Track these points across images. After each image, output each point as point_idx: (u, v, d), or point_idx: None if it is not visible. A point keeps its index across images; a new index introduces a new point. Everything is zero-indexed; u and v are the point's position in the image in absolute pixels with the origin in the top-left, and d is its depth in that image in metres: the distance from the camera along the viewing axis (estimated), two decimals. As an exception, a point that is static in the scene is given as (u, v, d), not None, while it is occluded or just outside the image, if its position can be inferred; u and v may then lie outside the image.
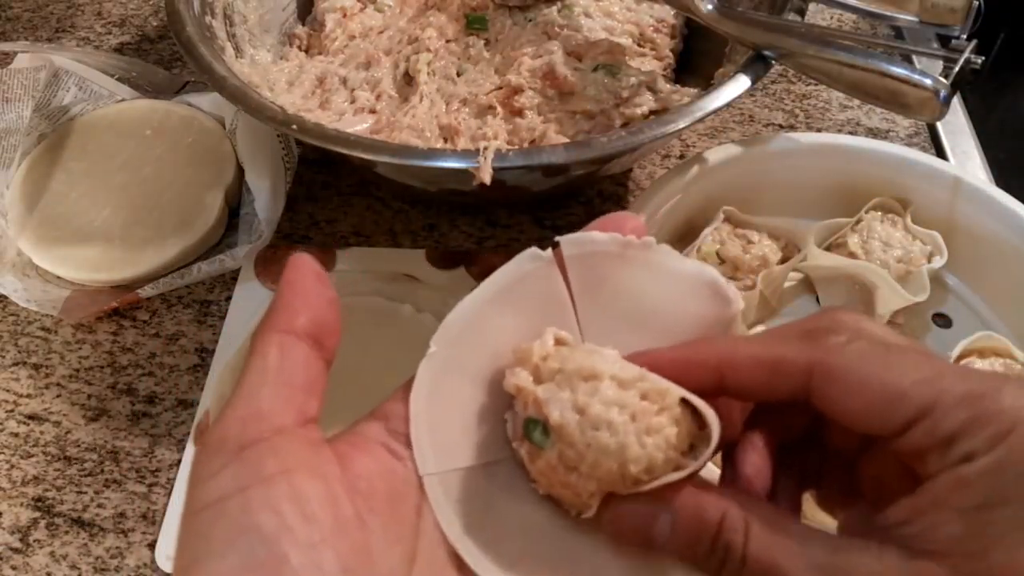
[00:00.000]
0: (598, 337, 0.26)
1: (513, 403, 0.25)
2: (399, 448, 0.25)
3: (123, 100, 0.64)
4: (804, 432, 0.26)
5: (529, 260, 0.26)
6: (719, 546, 0.23)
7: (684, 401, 0.24)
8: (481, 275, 0.55)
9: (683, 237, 0.52)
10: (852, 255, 0.50)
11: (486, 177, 0.45)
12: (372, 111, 0.57)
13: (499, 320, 0.26)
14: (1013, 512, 0.20)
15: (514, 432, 0.25)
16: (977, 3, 0.45)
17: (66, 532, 0.47)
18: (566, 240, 0.26)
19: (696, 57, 0.62)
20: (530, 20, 0.60)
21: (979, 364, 0.46)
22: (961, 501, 0.21)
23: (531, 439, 0.24)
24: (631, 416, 0.23)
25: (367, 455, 0.25)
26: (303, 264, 0.26)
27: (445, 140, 0.55)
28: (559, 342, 0.25)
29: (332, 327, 0.25)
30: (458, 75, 0.59)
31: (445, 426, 0.26)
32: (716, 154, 0.50)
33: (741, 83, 0.49)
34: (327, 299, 0.25)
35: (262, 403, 0.23)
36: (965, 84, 0.45)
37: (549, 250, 0.26)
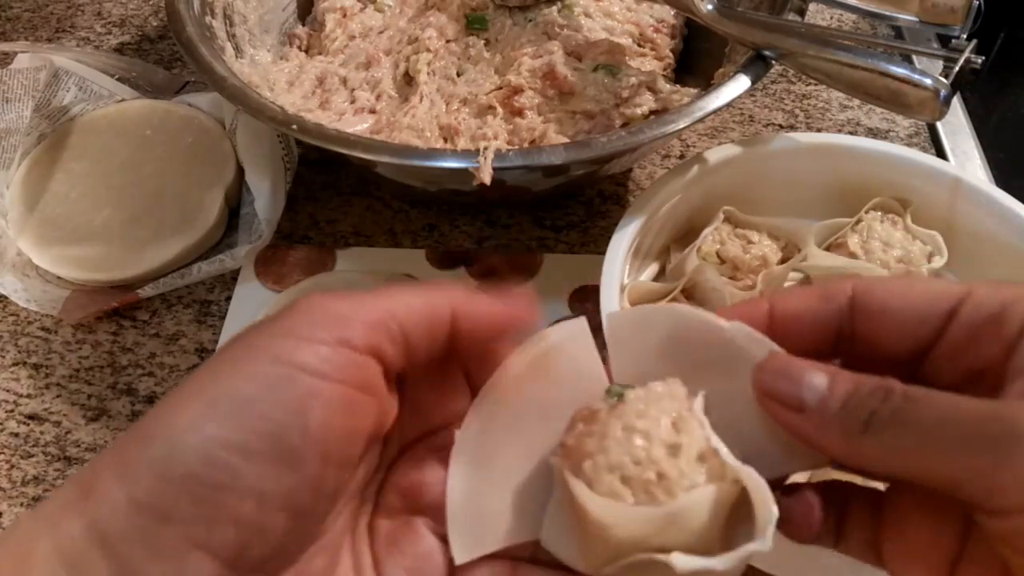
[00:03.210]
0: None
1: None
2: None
3: (123, 100, 0.64)
4: None
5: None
6: (879, 388, 0.22)
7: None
8: (481, 275, 0.55)
9: (683, 237, 0.52)
10: (852, 255, 0.49)
11: (486, 177, 0.45)
12: (372, 111, 0.57)
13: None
14: None
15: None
16: (977, 3, 0.45)
17: (66, 532, 0.47)
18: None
19: (696, 57, 0.62)
20: (530, 20, 0.60)
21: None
22: None
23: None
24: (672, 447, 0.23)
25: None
26: (527, 307, 0.27)
27: (445, 140, 0.55)
28: None
29: (473, 359, 0.27)
30: (458, 75, 0.59)
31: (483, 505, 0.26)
32: (716, 154, 0.50)
33: (741, 83, 0.49)
34: (498, 335, 0.26)
35: (380, 326, 0.24)
36: (965, 84, 0.45)
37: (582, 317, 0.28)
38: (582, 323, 0.27)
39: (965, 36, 0.46)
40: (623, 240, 0.46)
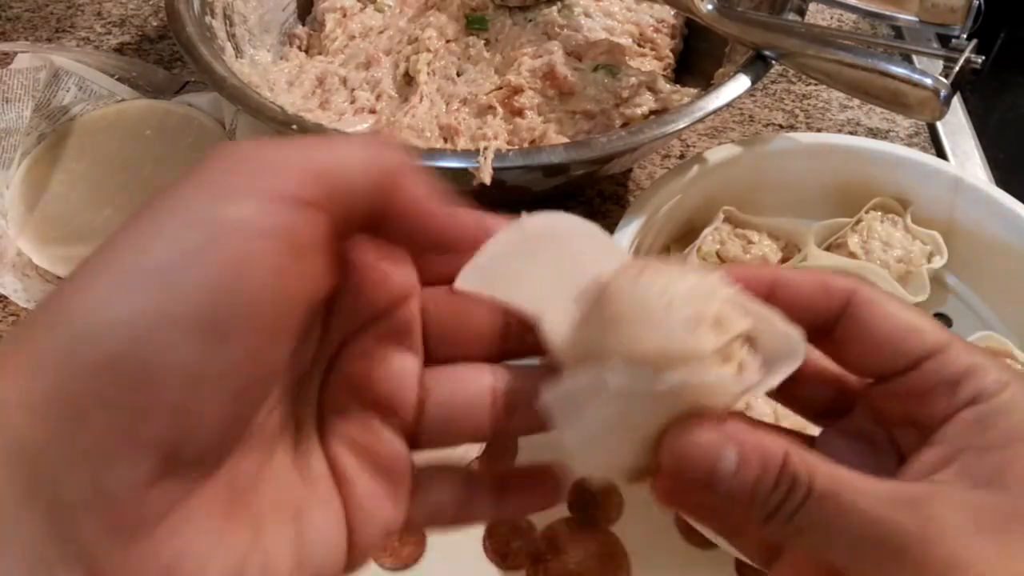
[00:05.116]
0: None
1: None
2: None
3: (123, 100, 0.64)
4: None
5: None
6: (784, 479, 0.22)
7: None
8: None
9: (683, 237, 0.52)
10: (852, 255, 0.50)
11: (486, 177, 0.45)
12: (372, 111, 0.57)
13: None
14: None
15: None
16: (977, 3, 0.45)
17: (66, 532, 0.46)
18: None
19: (696, 57, 0.62)
20: (530, 20, 0.60)
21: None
22: (982, 440, 0.22)
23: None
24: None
25: None
26: (480, 224, 0.24)
27: (445, 140, 0.55)
28: None
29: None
30: (458, 75, 0.59)
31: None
32: (716, 154, 0.50)
33: (741, 83, 0.49)
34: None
35: (318, 177, 0.20)
36: (965, 84, 0.45)
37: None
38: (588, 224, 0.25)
39: (965, 36, 0.46)
40: (623, 240, 0.46)
